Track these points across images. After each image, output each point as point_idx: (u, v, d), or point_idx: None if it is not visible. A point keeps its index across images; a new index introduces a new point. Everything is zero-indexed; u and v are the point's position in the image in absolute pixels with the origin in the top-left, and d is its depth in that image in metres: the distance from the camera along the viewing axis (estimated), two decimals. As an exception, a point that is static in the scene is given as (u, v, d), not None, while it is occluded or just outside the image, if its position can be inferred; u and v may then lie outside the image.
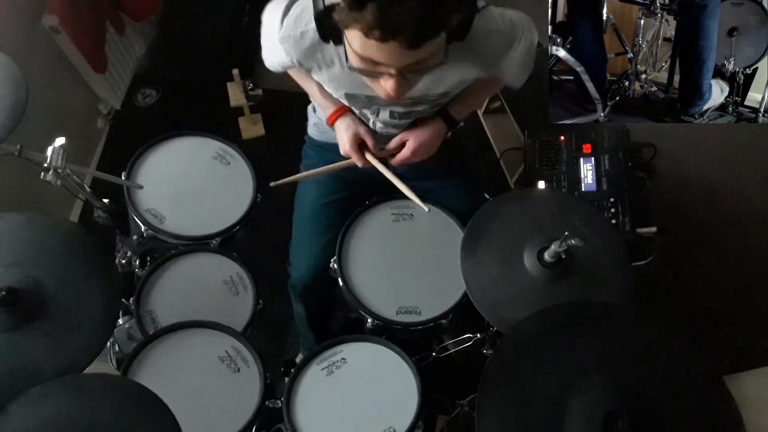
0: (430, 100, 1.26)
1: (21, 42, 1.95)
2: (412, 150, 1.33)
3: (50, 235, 1.20)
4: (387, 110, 1.29)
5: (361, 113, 1.35)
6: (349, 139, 1.32)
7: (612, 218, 1.72)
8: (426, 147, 1.34)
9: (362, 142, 1.33)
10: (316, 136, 1.60)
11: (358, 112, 1.35)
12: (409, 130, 1.34)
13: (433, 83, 1.19)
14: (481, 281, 1.19)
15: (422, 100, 1.25)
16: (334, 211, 1.51)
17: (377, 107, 1.29)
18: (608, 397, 0.91)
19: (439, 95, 1.24)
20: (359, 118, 1.36)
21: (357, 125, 1.33)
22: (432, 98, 1.25)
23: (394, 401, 1.30)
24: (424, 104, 1.27)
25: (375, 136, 1.36)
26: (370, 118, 1.35)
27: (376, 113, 1.32)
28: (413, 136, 1.33)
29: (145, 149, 1.59)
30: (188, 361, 1.34)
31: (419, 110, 1.29)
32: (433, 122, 1.33)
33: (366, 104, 1.28)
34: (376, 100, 1.24)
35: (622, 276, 1.20)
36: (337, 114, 1.34)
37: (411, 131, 1.33)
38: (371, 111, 1.32)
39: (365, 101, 1.26)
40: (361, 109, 1.32)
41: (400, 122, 1.33)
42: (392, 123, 1.34)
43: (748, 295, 2.18)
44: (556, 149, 1.86)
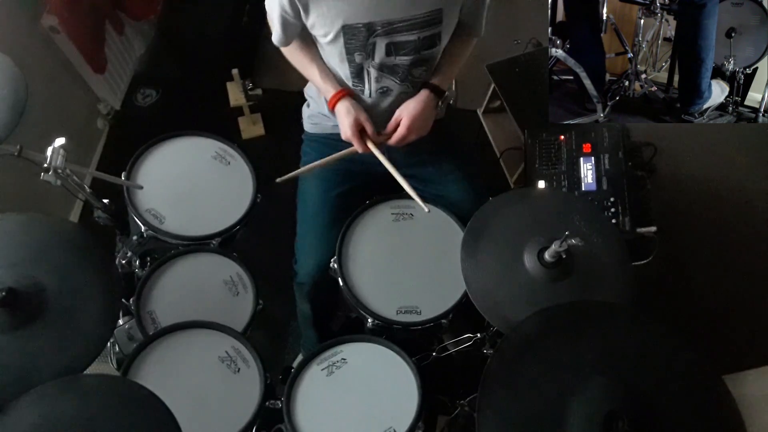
0: (422, 22, 1.27)
1: (21, 42, 1.95)
2: (407, 126, 1.37)
3: (50, 235, 1.20)
4: (383, 44, 1.30)
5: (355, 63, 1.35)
6: (350, 124, 1.36)
7: (612, 218, 1.72)
8: (420, 121, 1.38)
9: (362, 128, 1.38)
10: (311, 129, 1.62)
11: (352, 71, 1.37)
12: (400, 108, 1.39)
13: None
14: (481, 281, 1.18)
15: (414, 23, 1.27)
16: (337, 206, 1.52)
17: (373, 43, 1.30)
18: (608, 397, 0.91)
19: (433, 13, 1.26)
20: (358, 104, 1.40)
21: (357, 111, 1.38)
22: (422, 19, 1.26)
23: (395, 401, 1.30)
24: (416, 29, 1.29)
25: (374, 111, 1.41)
26: (365, 67, 1.36)
27: (372, 53, 1.33)
28: (406, 112, 1.38)
29: (145, 149, 1.59)
30: (188, 361, 1.34)
31: (414, 39, 1.30)
32: (420, 95, 1.39)
33: (364, 37, 1.28)
34: (374, 26, 1.26)
35: (622, 276, 1.20)
36: (337, 97, 1.38)
37: (403, 109, 1.39)
38: (367, 52, 1.32)
39: (363, 32, 1.27)
40: (356, 51, 1.32)
41: (396, 60, 1.35)
42: (388, 64, 1.35)
43: (748, 295, 2.18)
44: (556, 149, 1.86)
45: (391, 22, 1.26)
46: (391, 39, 1.29)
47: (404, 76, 1.39)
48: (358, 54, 1.33)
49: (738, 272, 2.23)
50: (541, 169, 1.86)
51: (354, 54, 1.33)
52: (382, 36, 1.29)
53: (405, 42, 1.30)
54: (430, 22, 1.28)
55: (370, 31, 1.27)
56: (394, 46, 1.31)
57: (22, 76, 1.37)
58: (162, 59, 2.70)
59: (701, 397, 0.97)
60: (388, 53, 1.33)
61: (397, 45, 1.31)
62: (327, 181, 1.55)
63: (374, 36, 1.28)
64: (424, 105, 1.39)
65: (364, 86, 1.41)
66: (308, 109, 1.63)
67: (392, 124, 1.41)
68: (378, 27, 1.26)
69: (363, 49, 1.31)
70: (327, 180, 1.55)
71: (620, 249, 1.23)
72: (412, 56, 1.34)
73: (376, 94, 1.42)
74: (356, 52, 1.32)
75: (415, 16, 1.25)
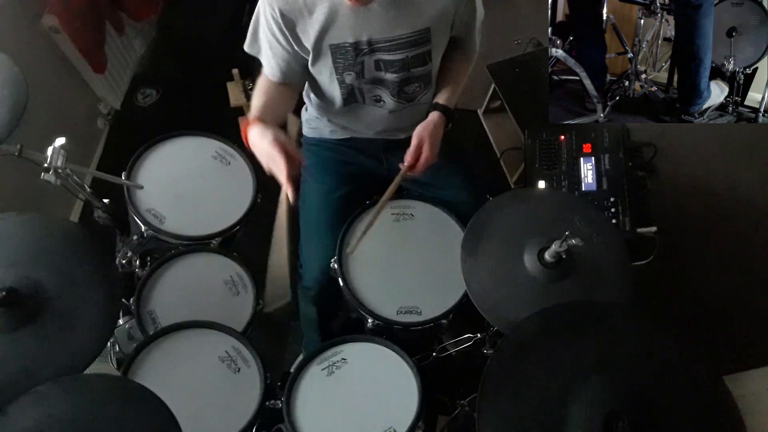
0: (409, 42, 1.25)
1: (21, 42, 1.95)
2: (430, 147, 1.30)
3: (50, 235, 1.20)
4: (371, 61, 1.28)
5: (346, 84, 1.32)
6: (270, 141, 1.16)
7: (612, 218, 1.72)
8: (438, 141, 1.33)
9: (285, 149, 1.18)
10: (310, 133, 1.62)
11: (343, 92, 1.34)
12: (416, 133, 1.32)
13: (413, 17, 1.21)
14: (482, 281, 1.19)
15: (400, 43, 1.24)
16: (339, 208, 1.52)
17: (362, 60, 1.27)
18: (608, 397, 0.91)
19: (420, 32, 1.24)
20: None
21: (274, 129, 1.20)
22: (408, 38, 1.24)
23: (395, 401, 1.30)
24: (404, 49, 1.26)
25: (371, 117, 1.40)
26: (356, 86, 1.34)
27: (361, 72, 1.30)
28: (426, 134, 1.31)
29: (145, 149, 1.59)
30: (188, 361, 1.34)
31: (402, 57, 1.28)
32: (431, 118, 1.34)
33: (351, 56, 1.26)
34: (361, 45, 1.24)
35: (622, 276, 1.20)
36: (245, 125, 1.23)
37: (420, 132, 1.32)
38: (356, 68, 1.29)
39: (350, 50, 1.25)
40: (345, 71, 1.29)
41: (386, 76, 1.31)
42: (379, 78, 1.32)
43: (748, 295, 2.18)
44: (556, 149, 1.86)
45: (376, 41, 1.24)
46: (378, 57, 1.28)
47: (395, 91, 1.36)
48: (348, 74, 1.30)
49: (738, 272, 2.23)
50: (541, 169, 1.86)
51: (344, 74, 1.31)
52: (369, 54, 1.27)
53: (393, 60, 1.28)
54: (419, 41, 1.26)
55: (357, 50, 1.25)
56: (383, 63, 1.29)
57: (22, 76, 1.37)
58: (162, 59, 2.70)
59: (701, 397, 0.97)
60: (377, 68, 1.31)
61: (385, 62, 1.29)
62: (328, 185, 1.54)
63: (362, 55, 1.27)
64: (437, 127, 1.32)
65: (357, 103, 1.40)
66: (306, 112, 1.62)
67: (414, 151, 1.30)
68: (364, 46, 1.25)
69: (352, 68, 1.29)
70: (328, 183, 1.55)
71: (620, 249, 1.23)
72: (401, 74, 1.31)
73: (371, 100, 1.41)
74: (345, 72, 1.30)
75: (400, 36, 1.23)
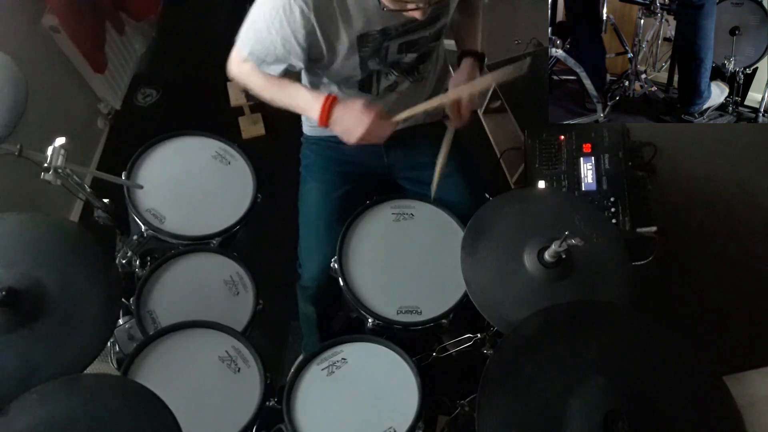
0: (432, 17, 1.27)
1: (21, 42, 1.95)
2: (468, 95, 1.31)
3: (50, 235, 1.20)
4: (396, 45, 1.30)
5: (368, 69, 1.33)
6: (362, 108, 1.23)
7: (612, 218, 1.72)
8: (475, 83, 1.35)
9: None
10: (310, 131, 1.61)
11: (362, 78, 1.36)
12: (454, 83, 1.36)
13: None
14: (481, 281, 1.18)
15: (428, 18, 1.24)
16: (339, 207, 1.52)
17: (387, 46, 1.29)
18: (608, 397, 0.91)
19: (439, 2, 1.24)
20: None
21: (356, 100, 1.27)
22: (437, 11, 1.26)
23: (395, 401, 1.30)
24: (430, 25, 1.29)
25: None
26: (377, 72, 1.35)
27: (384, 57, 1.32)
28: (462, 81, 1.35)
29: (145, 149, 1.59)
30: (188, 361, 1.34)
31: (426, 35, 1.31)
32: (465, 64, 1.39)
33: (377, 43, 1.26)
34: (388, 30, 1.24)
35: (622, 276, 1.20)
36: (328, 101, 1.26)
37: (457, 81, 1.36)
38: (381, 57, 1.31)
39: (377, 38, 1.25)
40: (370, 58, 1.30)
41: (406, 58, 1.35)
42: (398, 61, 1.35)
43: (748, 295, 2.18)
44: (556, 149, 1.86)
45: (405, 23, 1.24)
46: (404, 39, 1.29)
47: (411, 71, 1.39)
48: (372, 60, 1.31)
49: (738, 272, 2.23)
50: (541, 169, 1.86)
51: (368, 62, 1.31)
52: (396, 38, 1.28)
53: (418, 39, 1.30)
54: (440, 15, 1.28)
55: (384, 35, 1.26)
56: (407, 45, 1.31)
57: (22, 76, 1.37)
58: (162, 59, 2.70)
59: (701, 397, 0.97)
60: (399, 51, 1.32)
61: (409, 43, 1.30)
62: (327, 184, 1.54)
63: (388, 40, 1.27)
64: (471, 70, 1.38)
65: (371, 89, 1.40)
66: None
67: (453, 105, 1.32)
68: (392, 30, 1.25)
69: (377, 54, 1.30)
70: (327, 182, 1.55)
71: (620, 249, 1.23)
72: (422, 50, 1.33)
73: (383, 91, 1.41)
74: (369, 59, 1.31)
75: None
